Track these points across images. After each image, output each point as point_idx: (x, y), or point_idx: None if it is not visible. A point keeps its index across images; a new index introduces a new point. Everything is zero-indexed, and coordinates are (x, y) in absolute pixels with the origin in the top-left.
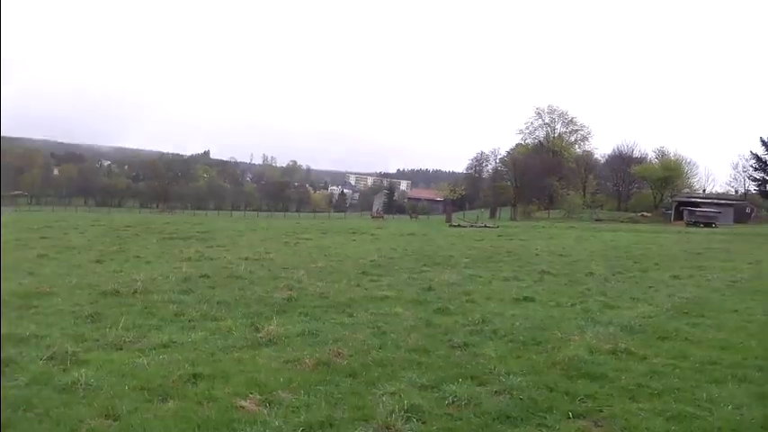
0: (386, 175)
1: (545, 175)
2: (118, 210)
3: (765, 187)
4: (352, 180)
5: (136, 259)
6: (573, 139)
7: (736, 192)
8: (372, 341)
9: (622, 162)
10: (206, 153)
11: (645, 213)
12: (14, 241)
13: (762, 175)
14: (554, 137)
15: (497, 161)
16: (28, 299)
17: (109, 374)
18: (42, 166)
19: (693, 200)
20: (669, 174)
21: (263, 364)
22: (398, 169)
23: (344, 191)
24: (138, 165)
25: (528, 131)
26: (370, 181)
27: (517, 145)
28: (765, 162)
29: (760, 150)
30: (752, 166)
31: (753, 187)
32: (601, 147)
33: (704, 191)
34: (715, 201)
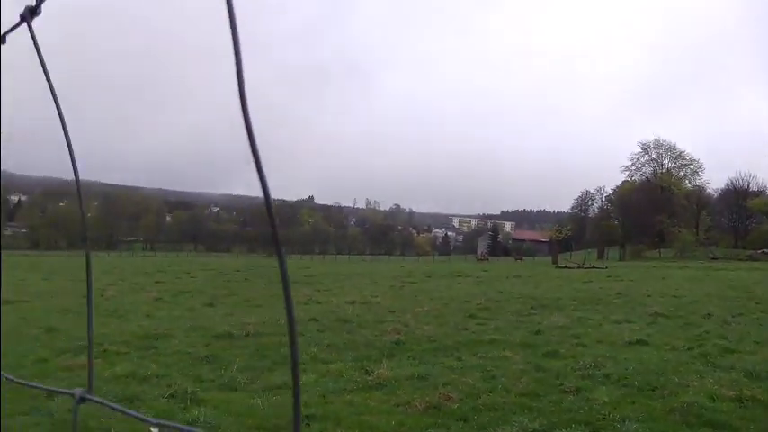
0: (489, 217)
1: (654, 213)
2: (227, 254)
3: None
4: (456, 222)
5: (246, 303)
6: (682, 174)
7: None
8: (482, 385)
9: (738, 196)
10: (310, 198)
11: (766, 250)
12: (132, 285)
13: None
14: (662, 172)
15: (603, 199)
16: (148, 340)
17: (226, 414)
18: (156, 212)
19: None
20: None
21: (374, 407)
22: (502, 210)
23: (448, 233)
24: (246, 210)
25: (634, 168)
26: (473, 223)
27: (623, 182)
28: None
29: None
30: None
31: None
32: (713, 181)
33: None
34: None
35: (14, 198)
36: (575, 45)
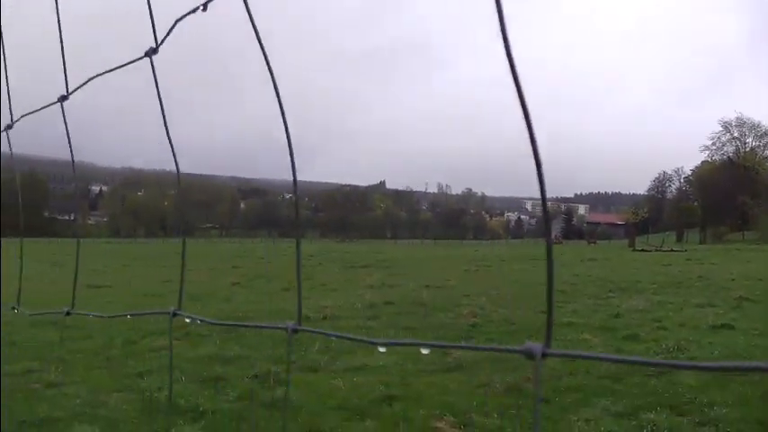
0: (563, 200)
1: (736, 194)
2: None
3: None
4: (528, 206)
5: (321, 287)
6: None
7: None
8: (562, 367)
9: None
10: (382, 183)
11: None
12: (210, 270)
13: None
14: (745, 151)
15: (682, 180)
16: (222, 322)
17: (308, 394)
18: (230, 200)
19: None
20: None
21: (455, 388)
22: (576, 193)
23: (521, 217)
24: (318, 197)
25: (715, 147)
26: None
27: (703, 162)
28: None
29: None
30: None
31: None
32: None
33: None
34: None
35: (96, 188)
36: (650, 18)
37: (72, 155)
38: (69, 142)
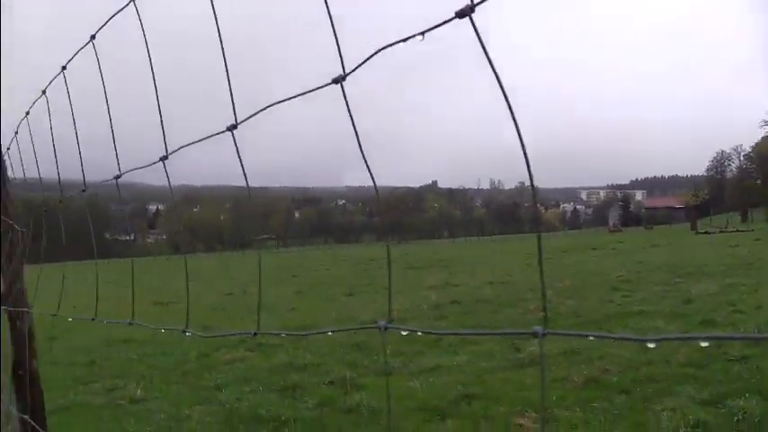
0: (619, 187)
1: None
2: (356, 245)
3: None
4: (584, 195)
5: (384, 290)
6: None
7: None
8: (639, 357)
9: None
10: (434, 183)
11: None
12: (272, 280)
13: None
14: None
15: (741, 159)
16: (298, 331)
17: (385, 397)
18: (285, 210)
19: None
20: None
21: (532, 384)
22: (632, 180)
23: (576, 207)
24: (371, 201)
25: None
26: (602, 194)
27: (763, 138)
28: None
29: None
30: None
31: None
32: None
33: None
34: None
35: (153, 207)
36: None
37: (247, 181)
38: (243, 169)
